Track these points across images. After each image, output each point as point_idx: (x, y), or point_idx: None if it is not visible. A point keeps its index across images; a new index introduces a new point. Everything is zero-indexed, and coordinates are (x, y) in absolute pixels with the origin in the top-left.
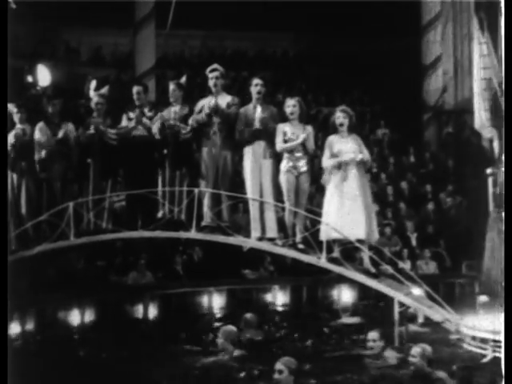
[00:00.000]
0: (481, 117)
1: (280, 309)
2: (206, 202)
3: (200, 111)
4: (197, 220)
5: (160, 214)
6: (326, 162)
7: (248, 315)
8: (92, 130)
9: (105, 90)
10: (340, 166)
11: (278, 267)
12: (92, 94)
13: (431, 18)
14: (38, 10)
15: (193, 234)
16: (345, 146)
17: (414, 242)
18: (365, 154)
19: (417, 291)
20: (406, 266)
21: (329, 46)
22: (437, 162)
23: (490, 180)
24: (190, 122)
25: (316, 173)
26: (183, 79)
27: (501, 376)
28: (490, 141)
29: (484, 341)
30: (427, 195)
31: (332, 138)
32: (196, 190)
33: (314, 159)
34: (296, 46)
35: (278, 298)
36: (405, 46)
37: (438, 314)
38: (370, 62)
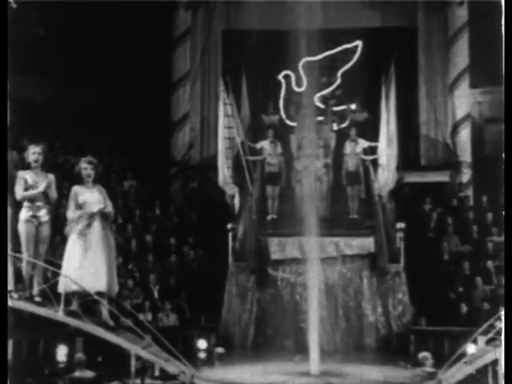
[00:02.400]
0: (224, 174)
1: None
2: None
3: None
4: None
5: None
6: (71, 213)
7: None
8: None
9: None
10: (84, 217)
11: (16, 320)
12: None
13: (181, 76)
14: None
15: None
16: (90, 197)
17: (156, 294)
18: (108, 206)
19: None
20: (147, 318)
21: (79, 96)
22: (181, 216)
23: (230, 235)
24: None
25: (60, 223)
26: None
27: None
28: (232, 197)
29: None
30: (171, 248)
31: (77, 189)
32: None
33: (59, 209)
34: (45, 91)
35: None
36: (155, 101)
37: (173, 366)
38: (121, 114)
